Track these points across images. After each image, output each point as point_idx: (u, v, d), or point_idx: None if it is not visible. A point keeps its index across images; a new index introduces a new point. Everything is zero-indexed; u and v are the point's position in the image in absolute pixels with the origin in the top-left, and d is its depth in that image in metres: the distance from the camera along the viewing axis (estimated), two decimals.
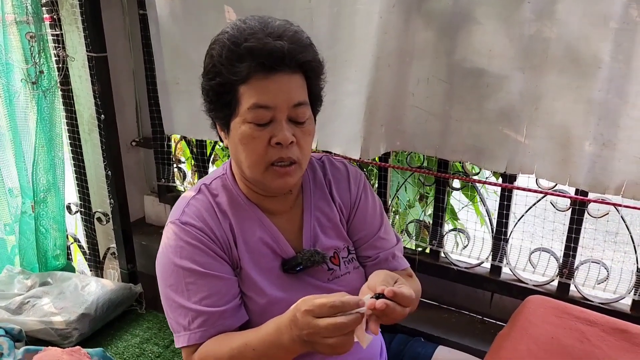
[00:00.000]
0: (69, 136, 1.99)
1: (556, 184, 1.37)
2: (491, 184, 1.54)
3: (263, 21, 0.98)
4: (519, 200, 1.49)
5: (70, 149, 2.01)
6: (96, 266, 2.15)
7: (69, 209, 2.08)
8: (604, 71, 1.15)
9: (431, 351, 1.39)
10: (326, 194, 1.17)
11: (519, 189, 1.43)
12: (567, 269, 1.43)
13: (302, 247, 1.12)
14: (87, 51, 1.76)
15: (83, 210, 2.08)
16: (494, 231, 1.53)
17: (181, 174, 2.16)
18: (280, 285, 1.09)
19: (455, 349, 1.43)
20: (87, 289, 1.87)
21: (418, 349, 1.41)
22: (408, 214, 2.08)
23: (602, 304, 1.41)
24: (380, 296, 0.85)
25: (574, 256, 1.42)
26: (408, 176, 1.73)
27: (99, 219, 2.05)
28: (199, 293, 1.02)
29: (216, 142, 2.03)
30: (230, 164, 1.14)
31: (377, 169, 1.69)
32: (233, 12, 1.60)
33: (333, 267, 1.14)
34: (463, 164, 1.53)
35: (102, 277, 2.14)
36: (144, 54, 1.93)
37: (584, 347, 1.09)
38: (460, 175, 1.60)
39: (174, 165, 2.11)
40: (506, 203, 1.48)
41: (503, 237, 1.52)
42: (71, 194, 2.11)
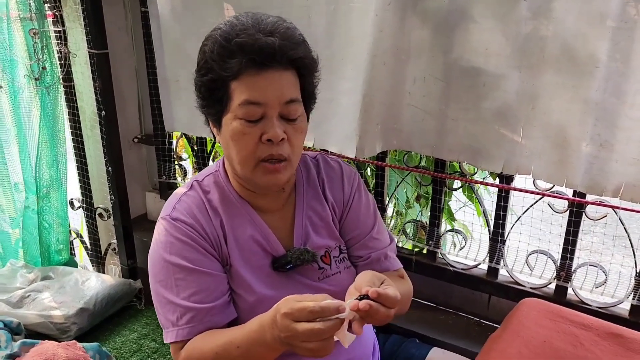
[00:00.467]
0: (71, 132, 2.01)
1: (554, 185, 1.35)
2: (488, 184, 1.53)
3: (256, 18, 0.98)
4: (516, 202, 1.47)
5: (73, 144, 2.03)
6: (98, 261, 2.17)
7: (71, 204, 2.10)
8: (601, 70, 1.13)
9: (425, 352, 1.38)
10: (319, 192, 1.16)
11: (516, 190, 1.41)
12: (565, 271, 1.41)
13: (292, 246, 1.12)
14: (88, 48, 1.78)
15: (85, 205, 2.10)
16: (491, 232, 1.52)
17: (182, 170, 2.17)
18: (269, 283, 1.09)
19: (450, 351, 1.42)
20: (87, 284, 1.89)
21: (412, 350, 1.40)
22: (406, 214, 2.07)
23: (600, 308, 1.39)
24: (365, 297, 0.84)
25: (572, 259, 1.40)
26: (405, 176, 1.71)
27: (100, 214, 2.07)
28: (187, 289, 1.02)
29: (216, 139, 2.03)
30: (223, 161, 1.14)
31: (374, 168, 1.68)
32: (232, 9, 1.60)
33: (324, 266, 1.13)
34: (460, 163, 1.52)
35: (103, 272, 2.16)
36: (145, 51, 1.94)
37: (577, 352, 1.07)
38: (457, 176, 1.58)
39: (175, 162, 2.12)
40: (503, 204, 1.46)
41: (500, 238, 1.50)
42: (74, 190, 2.13)
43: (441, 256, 1.63)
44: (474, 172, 1.54)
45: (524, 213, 1.46)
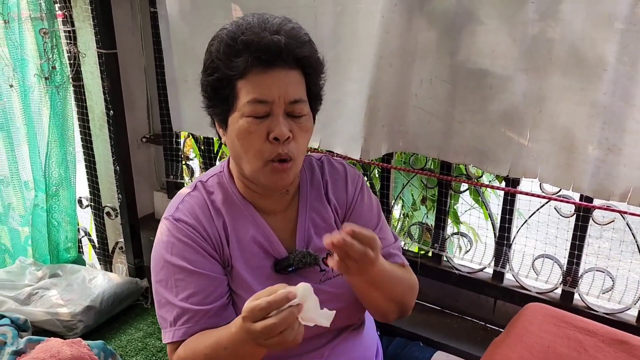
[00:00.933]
0: (80, 131, 2.03)
1: (560, 189, 1.33)
2: (494, 187, 1.51)
3: (262, 18, 0.98)
4: (522, 205, 1.46)
5: (82, 143, 2.05)
6: (105, 260, 2.18)
7: (80, 202, 2.12)
8: (609, 73, 1.11)
9: (429, 356, 1.37)
10: (322, 194, 1.16)
11: (522, 193, 1.39)
12: (571, 277, 1.39)
13: (295, 248, 1.11)
14: (97, 48, 1.79)
15: (93, 204, 2.12)
16: (497, 236, 1.50)
17: (189, 170, 2.18)
18: (270, 285, 1.08)
19: (454, 355, 1.41)
20: (94, 282, 1.90)
21: (415, 353, 1.39)
22: (412, 216, 2.06)
23: (607, 314, 1.37)
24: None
25: (578, 264, 1.38)
26: (411, 178, 1.70)
27: (108, 213, 2.09)
28: (186, 290, 1.02)
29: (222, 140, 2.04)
30: (228, 161, 1.14)
31: (380, 170, 1.68)
32: (240, 10, 1.60)
33: (325, 269, 1.12)
34: (466, 166, 1.50)
35: (111, 270, 2.17)
36: (154, 51, 1.95)
37: (581, 358, 1.06)
38: (463, 178, 1.57)
39: (183, 161, 2.13)
40: (509, 208, 1.45)
41: (506, 242, 1.48)
42: (83, 188, 2.15)
43: (447, 259, 1.62)
44: (481, 175, 1.53)
45: (530, 217, 1.44)
